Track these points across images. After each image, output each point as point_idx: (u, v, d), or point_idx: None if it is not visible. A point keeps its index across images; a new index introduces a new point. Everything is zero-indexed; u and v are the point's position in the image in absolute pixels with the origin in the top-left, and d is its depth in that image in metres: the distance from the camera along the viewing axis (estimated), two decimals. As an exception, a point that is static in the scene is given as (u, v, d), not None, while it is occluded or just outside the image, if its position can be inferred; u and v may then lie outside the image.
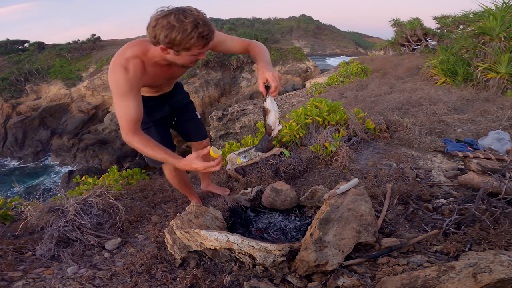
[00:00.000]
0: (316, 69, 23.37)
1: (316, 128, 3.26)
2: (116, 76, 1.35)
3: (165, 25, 1.20)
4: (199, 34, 1.22)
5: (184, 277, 1.41)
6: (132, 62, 1.36)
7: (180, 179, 2.05)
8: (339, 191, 1.70)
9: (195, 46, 1.27)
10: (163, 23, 1.20)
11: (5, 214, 2.23)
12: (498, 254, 1.14)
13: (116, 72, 1.35)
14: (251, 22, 69.50)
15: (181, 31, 1.20)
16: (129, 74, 1.35)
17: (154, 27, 1.23)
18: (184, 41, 1.23)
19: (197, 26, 1.21)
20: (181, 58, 1.34)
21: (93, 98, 20.94)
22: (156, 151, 1.38)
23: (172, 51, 1.29)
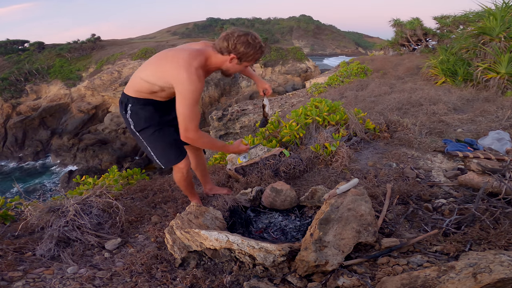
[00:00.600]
0: (316, 69, 23.38)
1: (316, 128, 3.26)
2: (195, 86, 1.57)
3: (245, 41, 1.61)
4: (261, 52, 1.69)
5: (184, 277, 1.41)
6: (200, 72, 1.62)
7: (190, 181, 2.09)
8: (339, 191, 1.70)
9: (253, 60, 1.70)
10: (244, 39, 1.60)
11: (5, 214, 2.23)
12: (498, 254, 1.14)
13: (195, 82, 1.57)
14: (251, 22, 69.49)
15: (253, 48, 1.63)
16: (198, 83, 1.59)
17: (235, 41, 1.60)
18: (253, 55, 1.66)
19: (261, 47, 1.68)
20: (238, 67, 1.72)
21: (93, 98, 20.94)
22: (216, 140, 1.90)
23: (237, 60, 1.67)
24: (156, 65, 1.68)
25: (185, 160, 1.95)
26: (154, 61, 1.70)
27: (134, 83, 1.76)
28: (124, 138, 18.47)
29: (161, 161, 1.90)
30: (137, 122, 1.81)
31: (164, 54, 1.69)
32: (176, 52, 1.65)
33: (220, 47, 1.63)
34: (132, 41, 31.98)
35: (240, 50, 1.61)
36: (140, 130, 1.83)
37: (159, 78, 1.65)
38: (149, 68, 1.69)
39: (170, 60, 1.62)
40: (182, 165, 1.94)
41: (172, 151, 1.89)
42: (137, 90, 1.75)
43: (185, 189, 2.14)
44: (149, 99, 1.77)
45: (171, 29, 69.12)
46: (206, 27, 64.19)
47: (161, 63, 1.66)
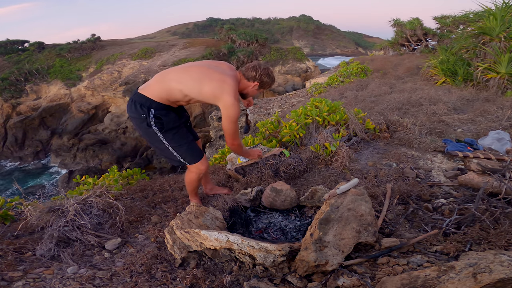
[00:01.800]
0: (316, 69, 23.37)
1: (316, 128, 3.26)
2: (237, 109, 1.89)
3: (268, 73, 2.04)
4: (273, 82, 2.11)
5: (184, 277, 1.41)
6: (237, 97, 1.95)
7: (199, 183, 2.21)
8: (339, 191, 1.70)
9: (266, 87, 2.10)
10: (267, 72, 2.03)
11: (5, 214, 2.23)
12: (498, 254, 1.14)
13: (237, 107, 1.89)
14: (251, 22, 69.48)
15: (272, 79, 2.08)
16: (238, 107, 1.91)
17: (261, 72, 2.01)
18: (270, 84, 2.10)
19: (273, 79, 2.10)
20: (256, 92, 2.11)
21: (93, 98, 20.93)
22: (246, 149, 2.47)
23: (257, 86, 2.05)
24: (200, 83, 1.87)
25: (204, 161, 2.09)
26: (195, 76, 1.89)
27: (162, 90, 1.89)
28: (124, 138, 18.46)
29: (186, 159, 2.04)
30: (162, 124, 1.92)
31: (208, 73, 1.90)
32: (221, 75, 1.90)
33: (249, 75, 2.01)
34: (132, 41, 31.98)
35: (264, 80, 2.03)
36: (165, 131, 1.94)
37: (201, 95, 1.89)
38: (191, 84, 1.88)
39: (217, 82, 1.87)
40: (202, 166, 2.09)
41: (195, 148, 2.08)
42: (165, 97, 1.90)
43: (192, 189, 2.20)
44: (169, 106, 1.96)
45: (171, 29, 69.10)
46: (206, 27, 64.16)
47: (206, 81, 1.87)
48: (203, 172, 2.11)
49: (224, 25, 27.94)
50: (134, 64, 21.59)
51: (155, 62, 20.87)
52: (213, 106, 19.76)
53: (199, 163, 2.06)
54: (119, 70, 21.40)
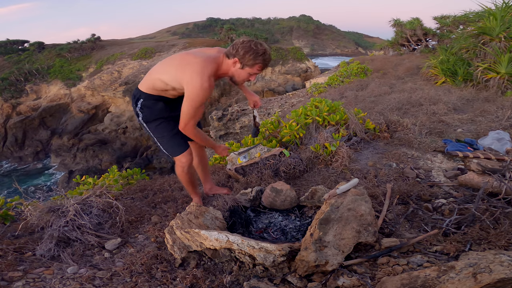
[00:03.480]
0: (316, 69, 23.38)
1: (316, 128, 3.26)
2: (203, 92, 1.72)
3: (247, 46, 1.72)
4: (264, 59, 1.74)
5: (184, 277, 1.41)
6: (211, 81, 1.74)
7: (190, 176, 2.17)
8: (339, 191, 1.70)
9: (256, 66, 1.75)
10: (246, 44, 1.72)
11: (5, 214, 2.23)
12: (498, 254, 1.14)
13: (205, 89, 1.71)
14: (251, 22, 69.48)
15: (255, 53, 1.71)
16: (210, 91, 1.75)
17: (239, 45, 1.72)
18: (252, 60, 1.72)
19: (264, 53, 1.73)
20: (241, 72, 1.78)
21: (93, 98, 20.94)
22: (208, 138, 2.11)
23: (240, 65, 1.75)
24: (176, 68, 1.80)
25: (187, 154, 2.05)
26: (173, 63, 1.82)
27: (149, 81, 1.90)
28: (124, 138, 18.47)
29: (168, 151, 2.04)
30: (146, 115, 1.95)
31: (182, 57, 1.82)
32: (194, 57, 1.77)
33: (228, 51, 1.78)
34: (132, 41, 31.98)
35: (241, 53, 1.72)
36: (148, 122, 1.97)
37: (175, 80, 1.80)
38: (168, 70, 1.82)
39: (187, 64, 1.75)
40: (184, 159, 2.05)
41: (177, 141, 2.02)
42: (151, 87, 1.89)
43: (185, 184, 2.21)
44: (160, 96, 1.91)
45: (171, 29, 69.09)
46: (206, 27, 64.12)
47: (179, 67, 1.79)
48: (186, 165, 2.06)
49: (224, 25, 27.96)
50: (134, 64, 21.59)
51: (155, 62, 20.81)
52: (213, 106, 19.76)
53: (181, 156, 2.03)
54: (119, 70, 21.41)
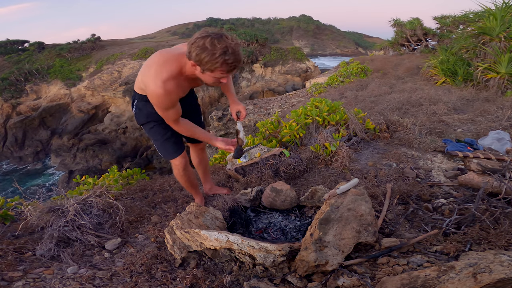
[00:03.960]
0: (316, 69, 23.37)
1: (316, 128, 3.26)
2: (160, 99, 1.56)
3: (200, 45, 1.38)
4: (225, 60, 1.38)
5: (184, 277, 1.41)
6: (170, 84, 1.54)
7: (187, 178, 2.11)
8: (339, 191, 1.70)
9: (219, 70, 1.42)
10: (199, 43, 1.38)
11: (5, 214, 2.23)
12: (498, 254, 1.14)
13: (160, 96, 1.54)
14: (251, 22, 69.46)
15: (210, 54, 1.37)
16: (170, 95, 1.56)
17: (191, 45, 1.41)
18: (210, 63, 1.40)
19: (225, 53, 1.37)
20: (205, 77, 1.50)
21: (93, 98, 20.93)
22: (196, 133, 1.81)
23: (199, 68, 1.46)
24: (144, 68, 1.69)
25: (180, 158, 2.00)
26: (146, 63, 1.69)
27: (137, 81, 1.82)
28: (124, 138, 18.46)
29: (162, 154, 2.00)
30: (139, 117, 1.90)
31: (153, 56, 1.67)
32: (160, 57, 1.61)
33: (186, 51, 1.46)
34: (132, 41, 31.98)
35: (194, 56, 1.40)
36: (142, 124, 1.92)
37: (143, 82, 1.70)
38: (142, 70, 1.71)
39: (150, 65, 1.61)
40: (177, 162, 2.01)
41: (169, 145, 1.95)
42: (140, 88, 1.82)
43: (184, 185, 2.19)
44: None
45: (171, 29, 69.08)
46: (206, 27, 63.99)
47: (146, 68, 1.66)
48: (181, 167, 2.01)
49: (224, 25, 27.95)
50: (134, 64, 21.57)
51: (155, 62, 20.84)
52: (213, 106, 19.76)
53: (174, 160, 1.99)
54: (119, 70, 21.40)
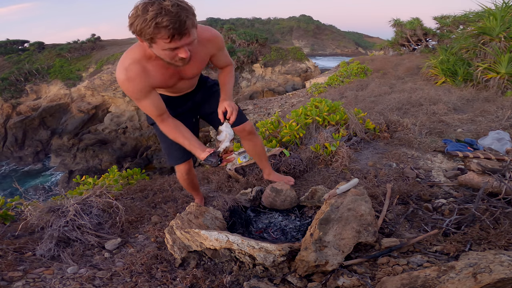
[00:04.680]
0: (316, 69, 23.38)
1: (316, 128, 3.26)
2: (123, 86, 1.42)
3: (133, 14, 1.18)
4: (157, 23, 1.14)
5: (184, 277, 1.41)
6: (132, 69, 1.39)
7: (189, 182, 2.07)
8: (339, 191, 1.70)
9: (159, 38, 1.19)
10: (132, 12, 1.18)
11: (5, 214, 2.23)
12: (498, 254, 1.14)
13: (122, 82, 1.41)
14: (251, 22, 69.44)
15: (142, 20, 1.15)
16: (134, 81, 1.40)
17: (128, 17, 1.20)
18: (144, 31, 1.17)
19: (157, 16, 1.13)
20: (157, 52, 1.29)
21: (93, 98, 20.93)
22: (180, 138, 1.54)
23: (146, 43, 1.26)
24: None
25: (184, 165, 1.94)
26: None
27: None
28: (124, 138, 18.47)
29: (166, 158, 1.94)
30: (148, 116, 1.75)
31: None
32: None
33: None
34: (132, 41, 31.97)
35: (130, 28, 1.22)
36: (152, 123, 1.79)
37: None
38: None
39: None
40: (180, 168, 1.95)
41: (174, 150, 1.85)
42: None
43: (185, 187, 2.16)
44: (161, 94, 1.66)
45: (171, 29, 68.86)
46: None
47: None
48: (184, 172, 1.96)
49: (224, 25, 27.95)
50: (134, 64, 21.55)
51: (155, 62, 20.84)
52: (213, 106, 19.76)
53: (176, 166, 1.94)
54: (119, 70, 21.37)
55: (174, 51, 1.26)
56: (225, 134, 1.50)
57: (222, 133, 1.50)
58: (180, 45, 1.24)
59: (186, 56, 1.28)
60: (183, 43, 1.24)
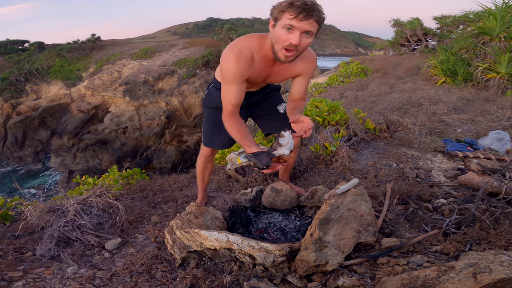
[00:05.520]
0: (316, 69, 23.36)
1: (316, 128, 3.26)
2: (228, 64, 1.46)
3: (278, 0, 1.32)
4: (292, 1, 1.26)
5: (184, 277, 1.41)
6: (244, 53, 1.46)
7: (202, 168, 2.16)
8: (339, 191, 1.70)
9: (286, 13, 1.28)
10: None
11: (5, 214, 2.23)
12: (498, 254, 1.14)
13: (229, 61, 1.46)
14: (251, 22, 69.43)
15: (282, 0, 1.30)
16: (239, 64, 1.46)
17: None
18: (278, 7, 1.30)
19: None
20: (276, 32, 1.36)
21: (93, 98, 20.92)
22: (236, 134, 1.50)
23: (272, 23, 1.37)
24: None
25: (211, 150, 2.07)
26: None
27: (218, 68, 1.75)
28: (124, 138, 18.46)
29: (203, 134, 2.02)
30: (206, 99, 1.94)
31: None
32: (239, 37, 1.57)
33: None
34: (132, 41, 31.96)
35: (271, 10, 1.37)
36: (206, 107, 1.97)
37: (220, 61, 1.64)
38: None
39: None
40: (205, 151, 2.07)
41: (212, 133, 1.95)
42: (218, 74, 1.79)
43: (197, 173, 2.22)
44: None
45: (171, 29, 69.07)
46: (206, 27, 64.12)
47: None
48: (204, 156, 2.10)
49: (224, 25, 27.94)
50: (134, 64, 21.57)
51: (155, 62, 20.86)
52: (213, 106, 19.80)
53: (204, 147, 2.07)
54: (119, 70, 21.39)
55: (290, 33, 1.32)
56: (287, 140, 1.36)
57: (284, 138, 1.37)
58: (298, 26, 1.30)
59: (296, 43, 1.33)
60: (302, 26, 1.30)
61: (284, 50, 1.38)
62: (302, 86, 1.73)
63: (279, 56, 1.42)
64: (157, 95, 18.91)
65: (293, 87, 1.74)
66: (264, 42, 1.49)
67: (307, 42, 1.36)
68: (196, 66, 19.48)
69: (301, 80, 1.71)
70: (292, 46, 1.35)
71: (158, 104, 18.87)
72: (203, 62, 19.72)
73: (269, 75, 1.65)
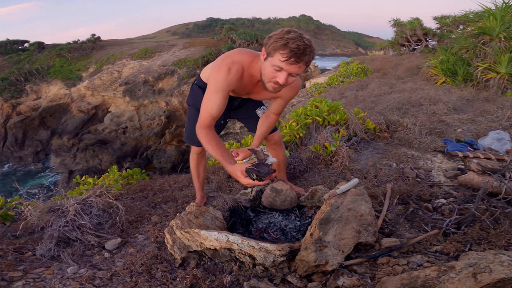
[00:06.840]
0: (316, 69, 23.36)
1: (316, 128, 3.26)
2: (219, 73, 1.51)
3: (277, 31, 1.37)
4: (288, 42, 1.29)
5: (184, 277, 1.41)
6: (236, 66, 1.52)
7: (196, 165, 2.20)
8: (339, 191, 1.70)
9: (279, 52, 1.32)
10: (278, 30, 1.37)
11: (5, 214, 2.23)
12: (498, 254, 1.14)
13: (221, 70, 1.51)
14: (251, 22, 69.46)
15: (280, 36, 1.33)
16: (230, 75, 1.51)
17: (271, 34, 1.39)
18: (273, 42, 1.33)
19: (292, 39, 1.30)
20: (266, 67, 1.41)
21: (93, 98, 20.92)
22: (214, 150, 1.49)
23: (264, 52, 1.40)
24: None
25: (198, 148, 2.09)
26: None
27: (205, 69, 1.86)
28: (124, 138, 18.45)
29: (186, 134, 2.07)
30: (190, 97, 1.97)
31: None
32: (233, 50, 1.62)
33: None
34: (132, 41, 31.95)
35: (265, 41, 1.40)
36: (189, 105, 1.99)
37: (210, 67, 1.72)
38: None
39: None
40: (194, 150, 2.13)
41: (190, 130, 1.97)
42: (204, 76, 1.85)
43: (192, 172, 2.25)
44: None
45: (171, 29, 69.08)
46: (206, 27, 64.14)
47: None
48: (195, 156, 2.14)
49: (224, 25, 27.94)
50: (134, 64, 21.57)
51: (155, 62, 20.86)
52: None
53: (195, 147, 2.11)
54: (119, 70, 21.39)
55: (278, 72, 1.38)
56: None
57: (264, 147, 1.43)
58: (287, 69, 1.36)
59: (282, 83, 1.40)
60: (290, 69, 1.36)
61: (272, 83, 1.45)
62: (280, 106, 1.84)
63: (267, 87, 1.48)
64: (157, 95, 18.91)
65: (272, 104, 1.86)
66: (254, 61, 1.54)
67: (293, 79, 1.42)
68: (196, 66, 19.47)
69: (279, 102, 1.81)
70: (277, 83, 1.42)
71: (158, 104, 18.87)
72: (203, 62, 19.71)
73: (251, 91, 1.73)
